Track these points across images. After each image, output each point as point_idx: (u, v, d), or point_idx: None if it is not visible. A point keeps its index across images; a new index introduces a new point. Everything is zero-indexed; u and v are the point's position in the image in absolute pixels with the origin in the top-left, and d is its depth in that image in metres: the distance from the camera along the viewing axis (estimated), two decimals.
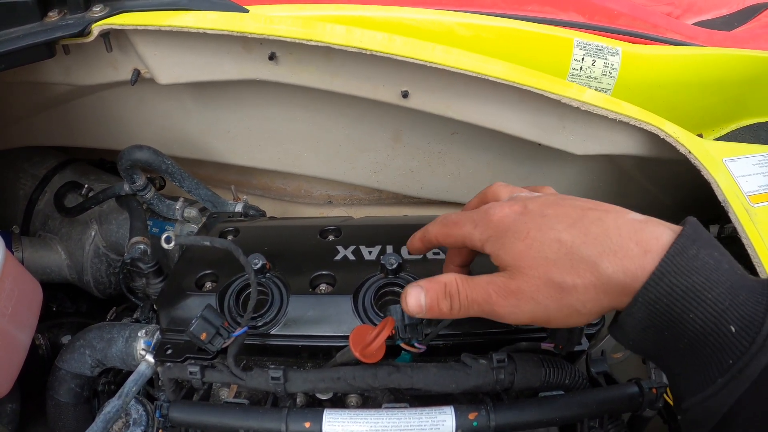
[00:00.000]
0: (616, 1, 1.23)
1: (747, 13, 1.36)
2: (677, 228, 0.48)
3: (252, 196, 1.11)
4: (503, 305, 0.52)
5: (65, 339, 0.94)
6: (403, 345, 0.62)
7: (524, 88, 0.73)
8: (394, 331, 0.62)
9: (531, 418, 0.61)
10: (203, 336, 0.63)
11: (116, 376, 0.87)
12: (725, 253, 0.48)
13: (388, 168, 0.96)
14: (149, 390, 0.83)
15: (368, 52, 0.69)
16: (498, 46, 1.03)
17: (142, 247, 0.84)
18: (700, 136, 1.22)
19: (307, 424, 0.60)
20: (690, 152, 0.79)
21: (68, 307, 1.04)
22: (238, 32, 0.71)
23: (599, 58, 1.06)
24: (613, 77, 1.08)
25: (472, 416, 0.59)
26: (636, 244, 0.48)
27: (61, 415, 0.83)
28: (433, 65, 0.70)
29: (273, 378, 0.62)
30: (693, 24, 1.32)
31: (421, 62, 0.69)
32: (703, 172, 0.78)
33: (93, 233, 0.96)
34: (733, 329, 0.44)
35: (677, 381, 0.49)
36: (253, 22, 0.72)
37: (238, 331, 0.65)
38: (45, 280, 0.97)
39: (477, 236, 0.55)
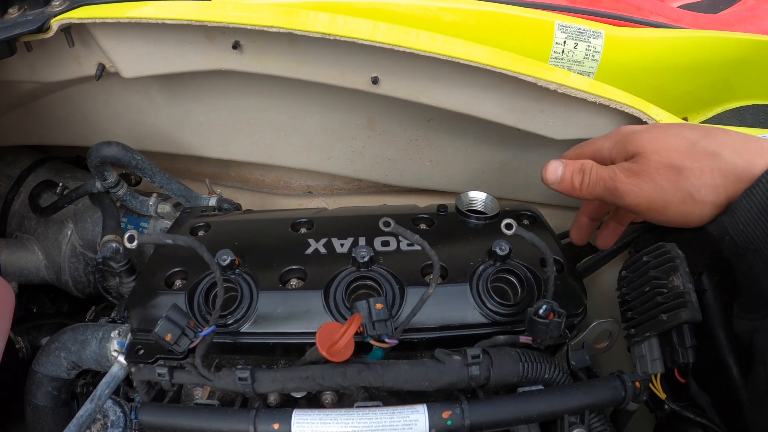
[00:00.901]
0: None
1: None
2: None
3: (231, 188, 1.09)
4: (626, 183, 0.57)
5: (45, 341, 0.92)
6: (372, 341, 0.61)
7: (497, 70, 0.70)
8: (362, 328, 0.60)
9: (508, 416, 0.59)
10: (168, 337, 0.61)
11: (94, 378, 0.86)
12: None
13: (365, 156, 0.94)
14: (128, 391, 0.82)
15: (332, 38, 0.66)
16: (480, 30, 1.00)
17: (114, 245, 0.82)
18: (685, 119, 1.19)
19: (276, 426, 0.58)
20: None
21: (48, 308, 1.03)
22: (197, 21, 0.68)
23: (581, 41, 1.03)
24: (596, 60, 1.05)
25: (445, 415, 0.58)
26: (755, 143, 0.53)
27: (40, 419, 0.82)
28: (402, 49, 0.68)
29: (240, 378, 0.61)
30: (679, 7, 1.29)
31: (388, 46, 0.67)
32: None
33: (69, 232, 0.94)
34: None
35: None
36: (214, 10, 0.70)
37: (206, 331, 0.63)
38: (23, 282, 0.95)
39: (606, 145, 0.63)
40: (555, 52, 1.04)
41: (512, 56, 0.74)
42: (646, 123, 0.77)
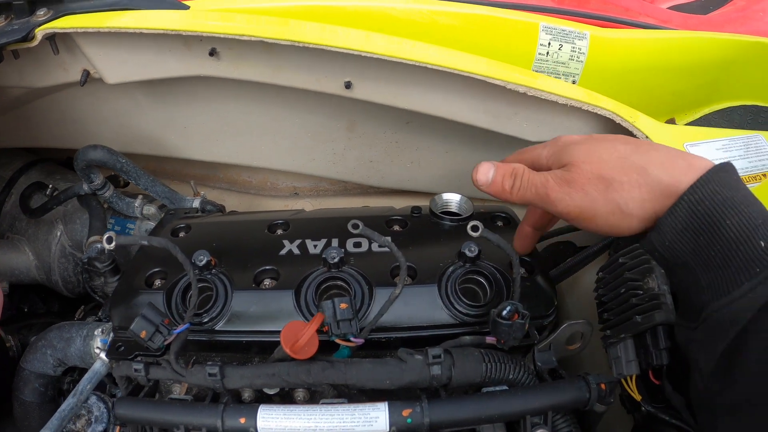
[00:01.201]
0: None
1: None
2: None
3: (218, 189, 1.11)
4: (557, 191, 0.58)
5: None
6: (338, 340, 0.62)
7: (465, 74, 0.71)
8: (327, 327, 0.62)
9: (468, 415, 0.60)
10: (143, 334, 0.63)
11: (80, 375, 0.88)
12: None
13: (347, 158, 0.96)
14: (113, 388, 0.84)
15: (301, 45, 0.68)
16: (467, 33, 1.01)
17: (98, 246, 0.85)
18: (672, 120, 1.20)
19: (242, 420, 0.60)
20: (647, 137, 0.77)
21: (39, 307, 1.05)
22: (173, 30, 0.70)
23: (566, 42, 1.04)
24: (581, 62, 1.06)
25: (405, 413, 0.59)
26: (683, 160, 0.54)
27: (27, 415, 0.84)
28: (369, 55, 0.69)
29: (210, 374, 0.63)
30: (669, 8, 1.29)
31: (357, 53, 0.68)
32: None
33: (59, 233, 0.97)
34: (762, 244, 0.48)
35: (701, 293, 0.51)
36: (190, 19, 0.72)
37: (180, 328, 0.65)
38: (14, 282, 0.98)
39: (544, 153, 0.63)
40: (539, 54, 1.04)
41: (483, 60, 0.75)
42: (620, 125, 0.78)
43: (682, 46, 1.11)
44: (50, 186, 0.97)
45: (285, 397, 0.70)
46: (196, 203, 0.89)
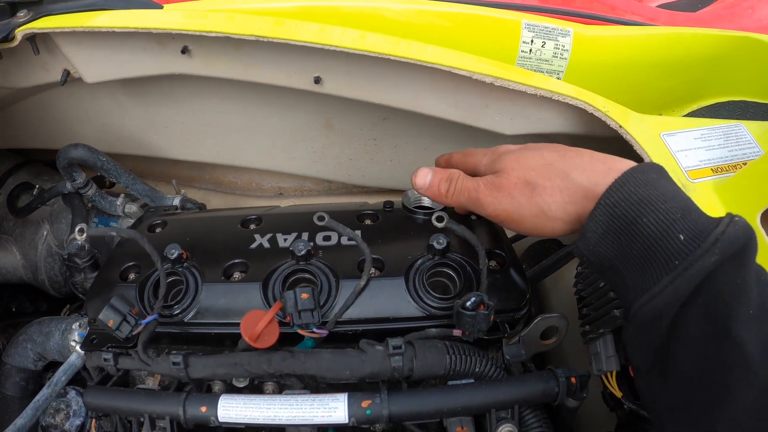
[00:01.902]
0: None
1: None
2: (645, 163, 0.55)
3: (204, 190, 1.12)
4: (487, 195, 0.63)
5: None
6: (300, 331, 0.63)
7: (430, 66, 0.72)
8: (289, 317, 0.62)
9: (429, 407, 0.60)
10: (110, 323, 0.64)
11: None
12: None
13: (326, 157, 0.96)
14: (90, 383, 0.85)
15: (266, 40, 0.69)
16: (450, 31, 1.02)
17: (79, 242, 0.86)
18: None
19: (203, 408, 0.61)
20: (621, 127, 0.77)
21: (27, 307, 1.07)
22: (143, 28, 0.72)
23: (549, 39, 1.04)
24: (565, 59, 1.05)
25: (365, 404, 0.59)
26: (603, 164, 0.56)
27: (8, 408, 0.86)
28: (334, 48, 0.70)
29: (174, 363, 0.63)
30: (657, 6, 1.28)
31: (320, 46, 0.69)
32: (635, 147, 0.76)
33: (45, 233, 0.98)
34: (681, 237, 0.48)
35: (629, 293, 0.52)
36: (161, 17, 0.73)
37: (148, 318, 0.66)
38: (2, 281, 1.00)
39: (484, 161, 0.68)
40: (522, 51, 1.04)
41: (450, 52, 0.75)
42: (592, 115, 0.78)
43: (669, 42, 1.11)
44: (37, 186, 0.99)
45: (254, 390, 0.70)
46: (177, 201, 0.90)
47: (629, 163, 0.55)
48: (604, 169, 0.55)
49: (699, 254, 0.46)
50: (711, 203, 0.71)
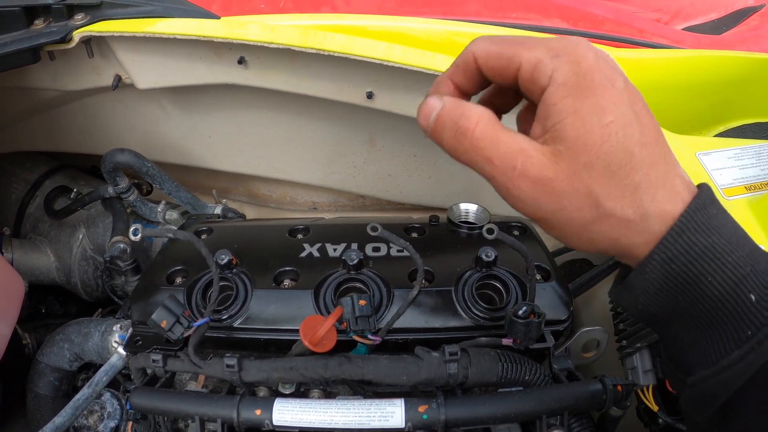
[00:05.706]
0: (601, 7, 1.23)
1: (736, 17, 1.35)
2: (692, 186, 0.43)
3: (239, 202, 1.13)
4: (521, 188, 0.42)
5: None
6: (355, 337, 0.63)
7: None
8: (346, 323, 0.62)
9: (484, 413, 0.60)
10: (164, 323, 0.64)
11: (96, 373, 0.89)
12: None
13: (366, 172, 0.97)
14: (126, 386, 0.85)
15: (326, 53, 0.71)
16: None
17: (121, 246, 0.86)
18: None
19: (258, 412, 0.60)
20: None
21: (57, 309, 1.07)
22: (205, 37, 0.74)
23: None
24: None
25: (422, 409, 0.59)
26: (670, 187, 0.42)
27: (40, 407, 0.85)
28: (390, 64, 0.71)
29: (228, 366, 0.63)
30: (682, 29, 1.31)
31: (378, 62, 0.71)
32: None
33: (80, 236, 0.99)
34: (753, 298, 0.40)
35: (685, 353, 0.44)
36: (221, 27, 0.75)
37: (200, 321, 0.66)
38: (34, 282, 1.00)
39: (559, 68, 0.40)
40: None
41: None
42: None
43: (695, 64, 1.13)
44: (74, 190, 1.00)
45: (300, 397, 0.70)
46: (218, 210, 0.91)
47: (689, 185, 0.43)
48: (667, 195, 0.42)
49: None
50: (746, 219, 0.72)
